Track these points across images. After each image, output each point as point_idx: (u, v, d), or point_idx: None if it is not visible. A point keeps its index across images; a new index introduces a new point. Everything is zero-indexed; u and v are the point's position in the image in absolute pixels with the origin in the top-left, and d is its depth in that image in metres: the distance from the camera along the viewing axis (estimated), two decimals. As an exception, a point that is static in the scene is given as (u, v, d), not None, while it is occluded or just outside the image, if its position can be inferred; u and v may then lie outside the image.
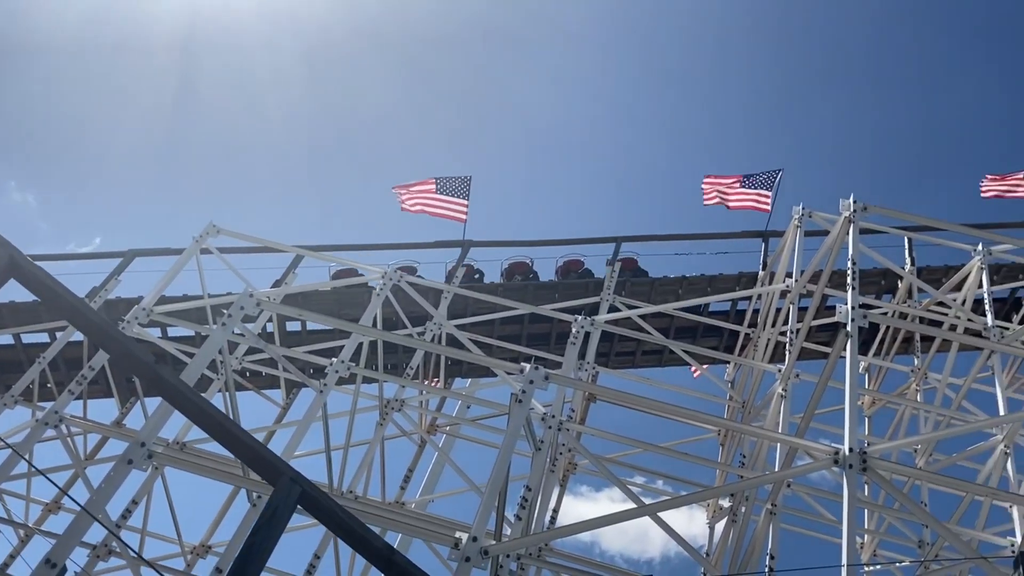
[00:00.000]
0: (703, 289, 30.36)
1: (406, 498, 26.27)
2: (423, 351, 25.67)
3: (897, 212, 23.38)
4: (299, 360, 25.45)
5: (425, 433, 26.87)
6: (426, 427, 27.12)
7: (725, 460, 26.74)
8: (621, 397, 20.32)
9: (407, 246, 29.04)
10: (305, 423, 21.53)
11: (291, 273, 27.80)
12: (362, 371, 23.37)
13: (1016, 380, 27.11)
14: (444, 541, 19.67)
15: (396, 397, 25.50)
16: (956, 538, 16.91)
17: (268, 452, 8.88)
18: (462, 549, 14.97)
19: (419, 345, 23.72)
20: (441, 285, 27.10)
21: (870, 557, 25.34)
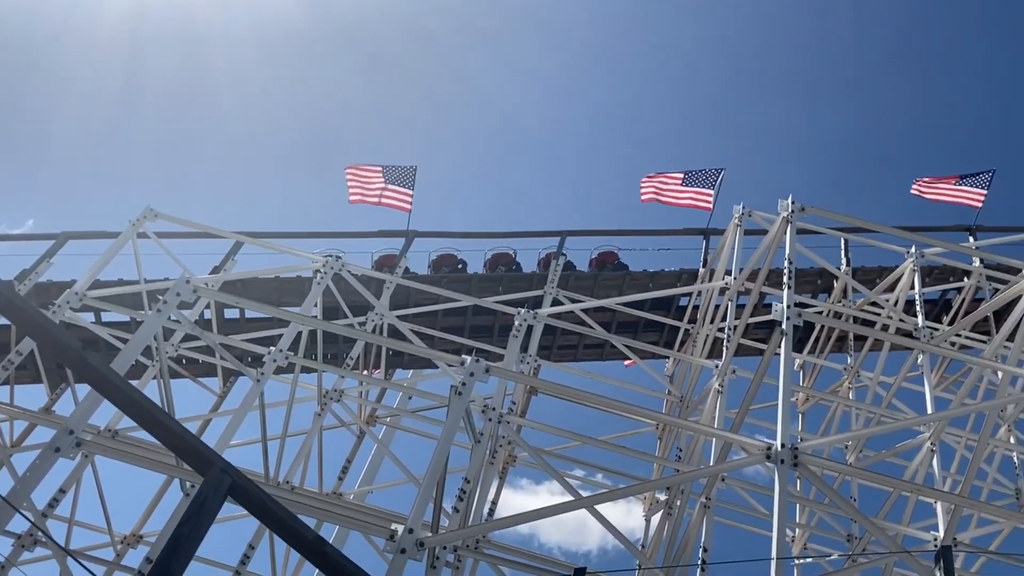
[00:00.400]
0: (645, 285, 30.66)
1: (344, 489, 26.09)
2: (364, 342, 25.46)
3: (833, 213, 23.86)
4: (237, 348, 25.05)
5: (364, 424, 26.71)
6: (365, 418, 26.94)
7: (662, 454, 27.04)
8: (562, 390, 20.38)
9: (349, 235, 28.77)
10: (242, 412, 21.22)
11: (230, 260, 27.31)
12: (301, 361, 23.13)
13: (944, 380, 27.92)
14: (381, 533, 19.57)
15: (335, 387, 25.30)
16: (882, 532, 17.35)
17: (198, 442, 8.72)
18: (397, 541, 14.91)
19: (360, 336, 23.55)
20: (383, 275, 26.88)
21: (800, 550, 25.88)
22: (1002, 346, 23.16)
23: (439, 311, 27.66)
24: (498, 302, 26.49)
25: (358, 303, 26.72)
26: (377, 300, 26.12)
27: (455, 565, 18.78)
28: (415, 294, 27.60)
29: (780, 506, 15.65)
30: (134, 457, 20.18)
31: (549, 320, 25.54)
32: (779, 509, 15.58)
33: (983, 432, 19.88)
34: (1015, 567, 21.53)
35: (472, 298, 26.34)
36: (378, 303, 26.04)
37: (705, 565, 18.64)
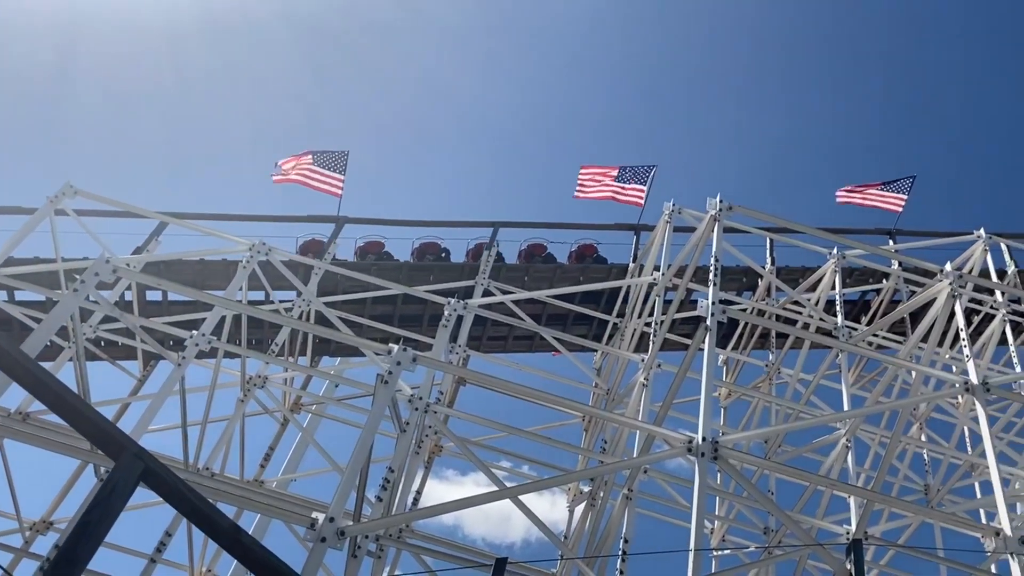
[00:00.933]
0: (575, 278, 30.87)
1: (266, 477, 25.71)
2: (289, 328, 25.08)
3: (760, 213, 24.31)
4: (158, 331, 24.42)
5: (288, 411, 26.33)
6: (289, 405, 26.57)
7: (587, 446, 27.26)
8: (490, 381, 20.37)
9: (278, 219, 28.26)
10: (161, 397, 20.70)
11: (154, 240, 26.61)
12: (224, 346, 22.64)
13: (861, 378, 28.77)
14: (302, 521, 19.34)
15: (259, 374, 24.87)
16: (797, 526, 17.77)
17: (110, 425, 8.43)
18: (318, 529, 14.69)
19: (285, 322, 23.19)
20: (312, 261, 26.50)
21: (719, 542, 26.38)
22: (917, 346, 23.89)
23: (368, 299, 27.40)
24: (428, 291, 26.35)
25: (285, 288, 26.35)
26: (304, 286, 25.76)
27: (377, 555, 18.65)
28: (343, 281, 27.29)
29: (699, 498, 15.89)
30: (45, 441, 19.54)
31: (479, 311, 25.51)
32: (698, 501, 15.83)
33: (896, 429, 20.53)
34: (922, 560, 22.35)
35: (402, 287, 26.14)
36: (305, 289, 25.68)
37: (625, 556, 18.80)
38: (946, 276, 21.41)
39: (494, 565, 14.69)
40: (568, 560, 20.82)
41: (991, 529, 17.18)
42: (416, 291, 25.80)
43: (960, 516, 21.36)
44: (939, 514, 20.78)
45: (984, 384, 18.93)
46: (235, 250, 25.27)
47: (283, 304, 26.44)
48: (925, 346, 22.40)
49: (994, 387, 19.18)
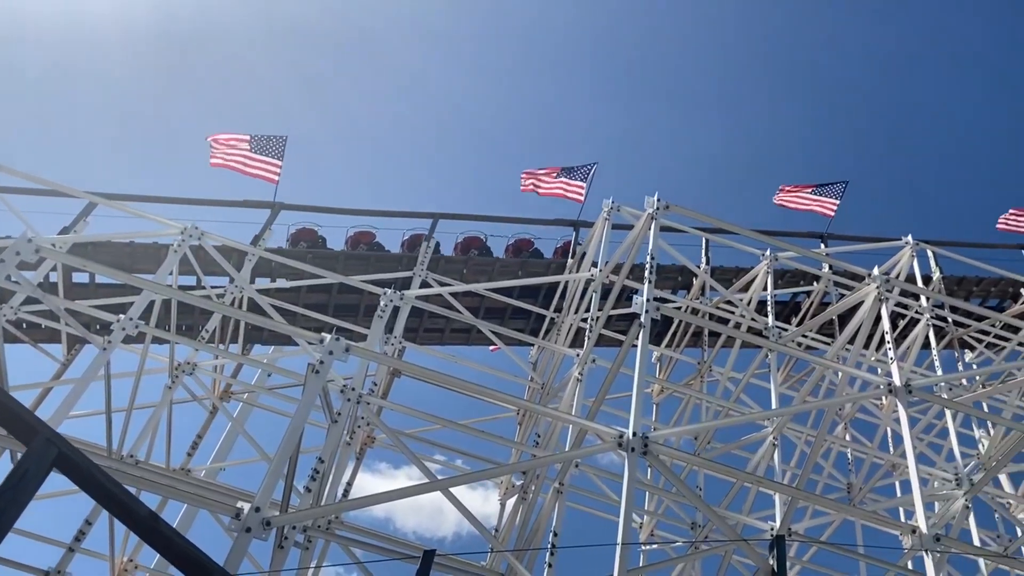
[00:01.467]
0: (515, 272, 30.90)
1: (193, 466, 25.19)
2: (221, 314, 24.59)
3: (696, 213, 24.56)
4: (84, 315, 23.75)
5: (218, 399, 25.81)
6: (219, 393, 26.05)
7: (521, 440, 27.32)
8: (425, 373, 20.22)
9: (211, 203, 27.59)
10: (85, 381, 20.14)
11: (82, 221, 25.82)
12: (152, 330, 22.11)
13: (790, 378, 29.35)
14: (229, 511, 18.92)
15: (188, 360, 24.35)
16: (722, 521, 18.02)
17: (22, 409, 8.13)
18: (243, 519, 14.44)
19: (216, 308, 22.68)
20: (245, 247, 25.99)
21: (648, 537, 26.67)
22: (844, 348, 24.44)
23: (302, 287, 27.02)
24: (365, 281, 26.08)
25: (218, 274, 25.83)
26: (237, 272, 25.27)
27: (305, 546, 18.42)
28: (278, 268, 26.87)
29: (628, 493, 16.01)
30: (-42, 425, 18.80)
31: (416, 302, 25.35)
32: (627, 496, 15.94)
33: (821, 428, 20.98)
34: (843, 557, 22.91)
35: (338, 276, 25.84)
36: (238, 275, 25.19)
37: (554, 549, 18.87)
38: (874, 280, 21.90)
39: (422, 557, 14.65)
40: (498, 553, 20.83)
41: (908, 527, 17.68)
42: (352, 281, 25.53)
43: (880, 514, 21.91)
44: (860, 512, 21.28)
45: (907, 386, 19.43)
46: (166, 233, 24.67)
47: (215, 290, 25.90)
48: (852, 348, 22.89)
49: (916, 389, 19.69)
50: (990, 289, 34.53)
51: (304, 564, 18.36)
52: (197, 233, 24.25)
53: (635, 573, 20.70)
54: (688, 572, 25.02)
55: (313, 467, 18.37)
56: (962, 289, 34.08)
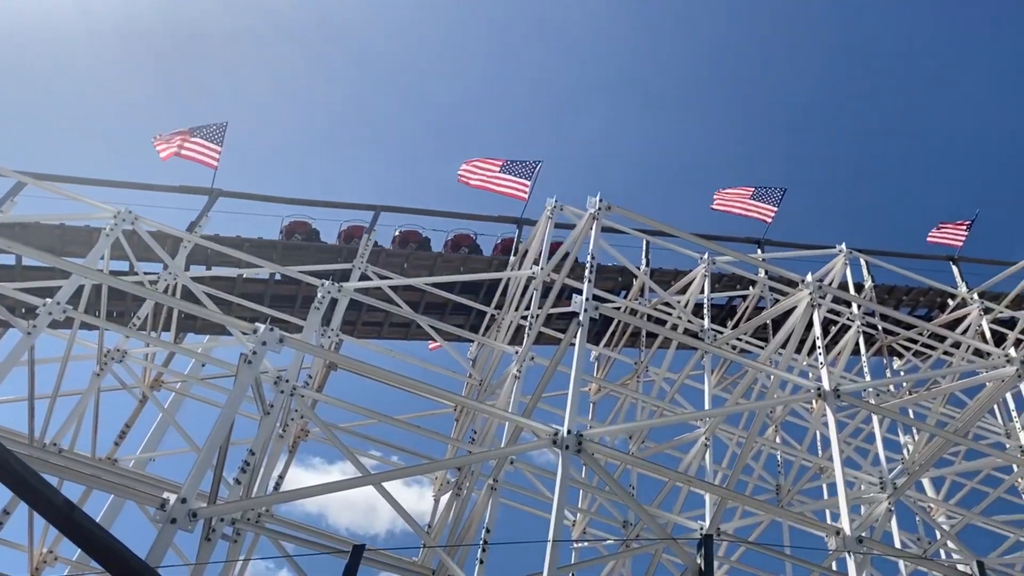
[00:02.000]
0: (456, 268, 30.80)
1: (121, 456, 24.59)
2: (153, 301, 24.03)
3: (637, 215, 24.78)
4: (9, 298, 22.97)
5: (148, 388, 25.23)
6: (150, 382, 25.47)
7: (457, 436, 27.24)
8: (361, 367, 20.00)
9: (147, 187, 26.90)
10: (7, 366, 19.50)
11: (9, 201, 25.01)
12: (81, 316, 21.50)
13: (724, 380, 29.77)
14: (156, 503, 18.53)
15: (118, 347, 23.76)
16: (653, 520, 18.19)
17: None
18: (168, 510, 14.13)
19: (149, 294, 22.11)
20: (180, 233, 25.44)
21: (580, 534, 26.83)
22: (776, 352, 24.88)
23: (238, 276, 26.55)
24: (303, 272, 25.72)
25: (152, 260, 25.25)
26: (172, 259, 24.73)
27: (233, 539, 18.12)
28: (214, 256, 26.35)
29: (561, 490, 16.08)
30: None
31: (355, 295, 25.08)
32: (559, 493, 16.01)
33: (752, 430, 21.34)
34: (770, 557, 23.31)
35: (275, 265, 25.47)
36: (172, 262, 24.65)
37: (486, 545, 18.86)
38: (807, 286, 22.34)
39: (351, 552, 14.51)
40: (430, 549, 20.74)
41: (833, 528, 18.05)
42: (289, 271, 25.16)
43: (807, 516, 22.34)
44: (788, 513, 21.64)
45: (835, 391, 19.86)
46: (98, 216, 24.01)
47: (148, 276, 25.30)
48: (784, 352, 23.32)
49: (844, 394, 20.12)
50: (919, 299, 35.55)
51: (232, 557, 18.07)
52: (131, 217, 23.66)
53: (565, 570, 20.88)
54: (618, 570, 25.26)
55: (244, 459, 18.08)
56: (892, 298, 35.03)
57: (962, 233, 36.53)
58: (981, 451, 24.19)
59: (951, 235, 36.59)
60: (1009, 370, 21.29)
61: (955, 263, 35.91)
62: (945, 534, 23.39)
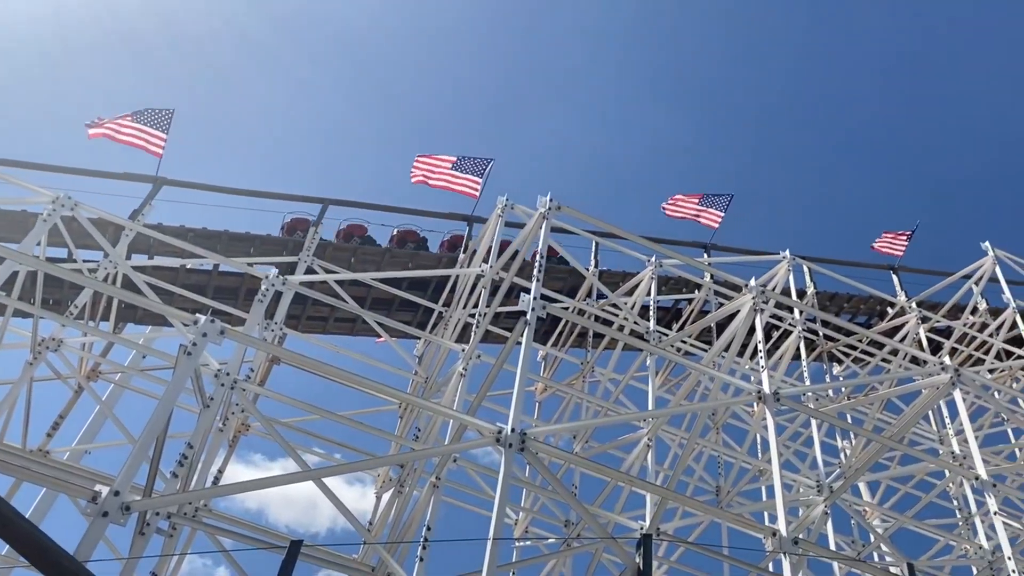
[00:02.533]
0: (405, 264, 30.58)
1: (55, 448, 23.95)
2: (92, 290, 23.44)
3: (586, 216, 24.88)
4: (-62, 283, 22.25)
5: (84, 379, 24.60)
6: (86, 372, 24.84)
7: (401, 434, 27.05)
8: (305, 362, 19.80)
9: (87, 172, 26.13)
10: (-66, 354, 18.89)
11: (-59, 183, 24.21)
12: (14, 303, 20.90)
13: (668, 381, 30.04)
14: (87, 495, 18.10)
15: (53, 336, 23.15)
16: (593, 519, 18.27)
17: None
18: (100, 503, 13.83)
19: (87, 282, 21.62)
20: (123, 221, 24.85)
21: (522, 533, 26.85)
22: (719, 355, 25.18)
23: (181, 267, 26.04)
24: (247, 264, 25.32)
25: (92, 248, 24.64)
26: (112, 247, 24.14)
27: (168, 533, 17.78)
28: (157, 246, 25.80)
29: (503, 488, 16.07)
30: None
31: (300, 288, 24.80)
32: (501, 491, 16.00)
33: (693, 432, 21.54)
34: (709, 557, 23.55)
35: (219, 256, 25.00)
36: (113, 250, 24.06)
37: (426, 543, 18.80)
38: (750, 291, 22.65)
39: (288, 548, 14.31)
40: (370, 547, 20.58)
41: (770, 530, 18.31)
42: (233, 262, 24.74)
43: (745, 517, 22.62)
44: (727, 514, 21.88)
45: (775, 394, 20.16)
46: (36, 200, 23.35)
47: (87, 264, 24.68)
48: (727, 355, 23.61)
49: (784, 397, 20.45)
50: (860, 306, 36.27)
51: (168, 552, 17.73)
52: (70, 203, 23.06)
53: (506, 569, 20.88)
54: (559, 569, 25.34)
55: (182, 452, 17.77)
56: (834, 304, 35.69)
57: (903, 243, 37.36)
58: (915, 456, 24.73)
59: (892, 245, 37.41)
60: (944, 377, 21.84)
61: (895, 272, 36.70)
62: (879, 537, 23.89)
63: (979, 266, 36.57)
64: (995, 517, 20.88)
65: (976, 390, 24.92)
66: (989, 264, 36.48)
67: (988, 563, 22.29)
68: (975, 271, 36.53)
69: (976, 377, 24.99)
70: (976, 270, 36.54)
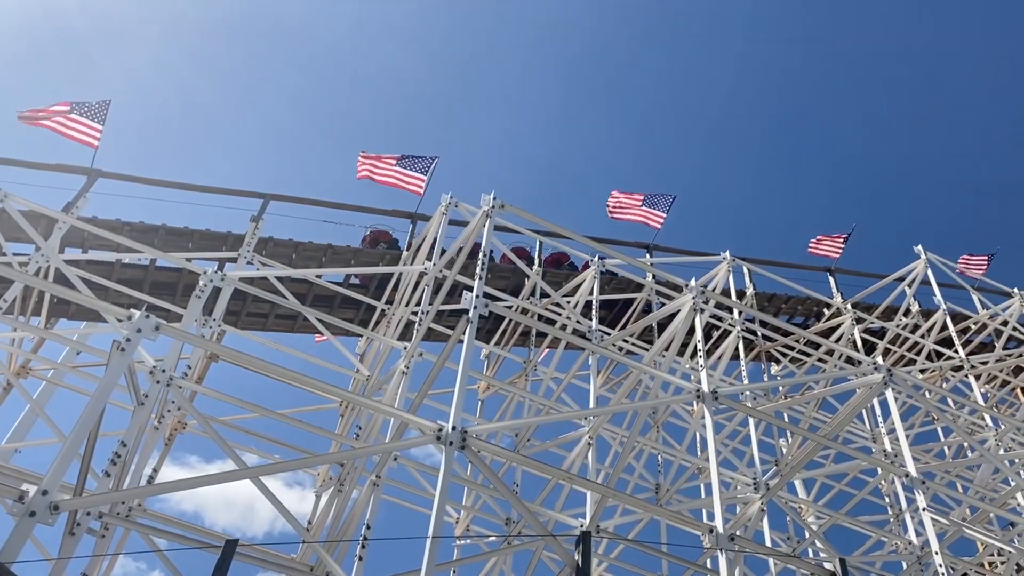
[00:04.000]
0: (347, 260, 30.32)
1: (-21, 446, 23.26)
2: (22, 284, 22.75)
3: (531, 215, 24.90)
4: None
5: (13, 376, 23.91)
6: (15, 369, 24.14)
7: (342, 432, 26.82)
8: (244, 359, 19.43)
9: (21, 164, 25.28)
10: None
11: None
12: (-60, 297, 20.23)
13: (610, 380, 30.30)
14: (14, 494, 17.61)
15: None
16: (533, 517, 18.30)
17: None
18: (27, 502, 13.42)
19: (16, 276, 20.92)
20: (56, 213, 24.19)
21: (463, 531, 26.81)
22: (660, 354, 25.43)
23: (116, 261, 25.43)
24: (186, 259, 24.82)
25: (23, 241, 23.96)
26: (44, 240, 23.49)
27: (100, 534, 17.39)
28: (91, 239, 25.18)
29: (443, 486, 16.01)
30: None
31: (240, 284, 24.37)
32: (441, 489, 15.94)
33: (634, 430, 21.72)
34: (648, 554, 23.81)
35: (155, 251, 24.46)
36: (45, 244, 23.41)
37: (365, 541, 18.65)
38: (691, 291, 22.91)
39: (223, 547, 14.09)
40: (308, 546, 20.36)
41: (707, 527, 18.55)
42: (170, 257, 24.25)
43: (684, 515, 22.88)
44: (666, 512, 22.11)
45: (714, 393, 20.43)
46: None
47: (18, 257, 23.97)
48: (667, 354, 23.86)
49: (722, 396, 20.71)
50: (797, 307, 37.01)
51: (100, 552, 17.34)
52: (0, 194, 22.37)
53: (446, 567, 20.84)
54: (499, 567, 25.37)
55: (115, 451, 17.37)
56: (772, 305, 36.37)
57: (839, 246, 38.18)
58: (849, 454, 25.25)
59: (829, 247, 38.21)
60: (877, 377, 22.36)
61: (832, 274, 37.50)
62: (813, 533, 24.34)
63: (912, 269, 37.60)
64: (924, 513, 21.43)
65: (907, 390, 25.58)
66: (921, 267, 37.53)
67: (917, 558, 22.88)
68: (908, 274, 37.55)
69: (908, 377, 25.60)
70: (909, 273, 37.55)
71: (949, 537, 22.65)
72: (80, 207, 25.53)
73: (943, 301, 36.86)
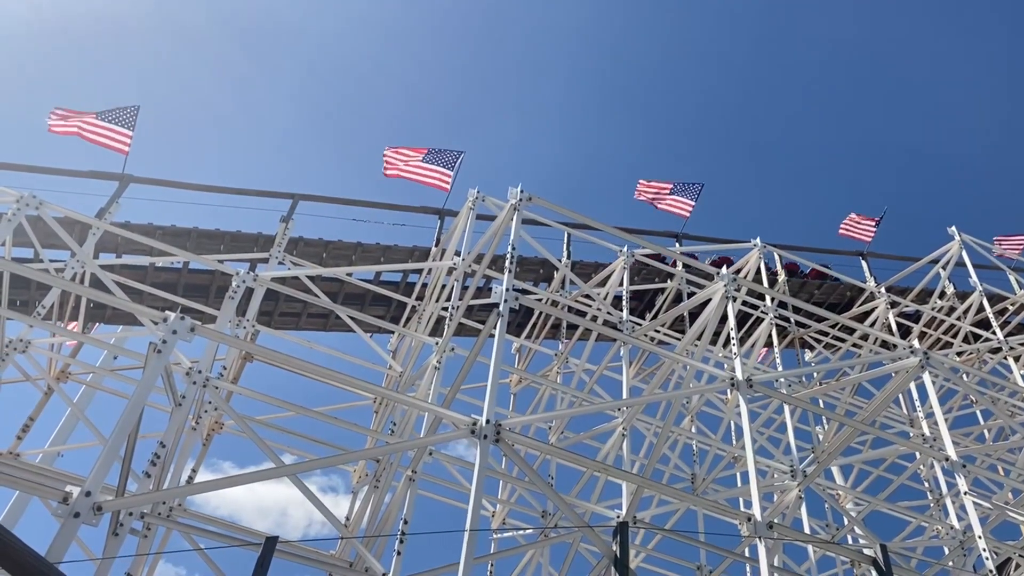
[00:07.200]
0: (377, 258, 30.49)
1: (26, 450, 23.64)
2: (59, 290, 23.14)
3: (558, 207, 24.87)
4: (-99, 285, 21.91)
5: (54, 380, 24.30)
6: (56, 374, 24.53)
7: (377, 428, 26.99)
8: (278, 358, 19.64)
9: (54, 171, 25.76)
10: (-102, 357, 18.57)
11: (-97, 183, 23.78)
12: (-21, 305, 20.61)
13: (642, 371, 30.21)
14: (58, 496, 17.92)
15: (21, 337, 22.83)
16: (569, 509, 18.34)
17: None
18: (71, 503, 13.67)
19: (54, 282, 21.30)
20: (89, 219, 24.54)
21: (499, 524, 26.89)
22: (692, 343, 25.30)
23: (150, 265, 25.76)
24: (218, 261, 25.10)
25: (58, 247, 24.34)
26: (79, 246, 23.85)
27: (143, 534, 17.64)
28: (125, 244, 25.52)
29: (479, 480, 16.06)
30: None
31: (272, 284, 24.60)
32: (477, 482, 15.98)
33: (668, 420, 21.66)
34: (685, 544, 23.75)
35: (188, 253, 24.76)
36: (80, 249, 23.76)
37: (404, 536, 18.79)
38: (722, 279, 22.77)
39: (263, 544, 14.26)
40: (346, 543, 20.53)
41: (745, 515, 18.45)
42: (203, 259, 24.51)
43: (721, 503, 22.76)
44: (702, 501, 22.04)
45: (748, 381, 20.30)
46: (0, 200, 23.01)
47: (54, 264, 24.37)
48: (700, 343, 23.73)
49: (757, 384, 20.59)
50: (830, 292, 36.64)
51: (143, 552, 17.59)
52: (35, 202, 22.73)
53: (483, 560, 20.93)
54: (537, 559, 25.42)
55: (154, 452, 17.62)
56: (804, 291, 36.02)
57: (871, 229, 37.77)
58: (886, 439, 25.00)
59: (861, 230, 37.80)
60: (913, 361, 22.09)
61: (864, 258, 37.11)
62: (852, 520, 24.16)
63: (946, 251, 37.08)
64: (965, 498, 21.17)
65: (945, 373, 25.28)
66: (956, 249, 37.00)
67: (959, 543, 22.60)
68: (942, 256, 37.03)
69: (945, 360, 25.27)
70: (943, 255, 37.04)
71: (992, 521, 22.39)
72: (112, 212, 25.89)
73: (979, 282, 36.33)
